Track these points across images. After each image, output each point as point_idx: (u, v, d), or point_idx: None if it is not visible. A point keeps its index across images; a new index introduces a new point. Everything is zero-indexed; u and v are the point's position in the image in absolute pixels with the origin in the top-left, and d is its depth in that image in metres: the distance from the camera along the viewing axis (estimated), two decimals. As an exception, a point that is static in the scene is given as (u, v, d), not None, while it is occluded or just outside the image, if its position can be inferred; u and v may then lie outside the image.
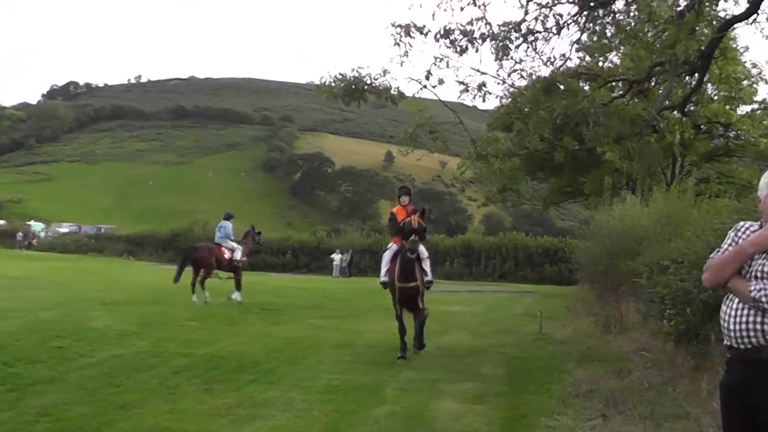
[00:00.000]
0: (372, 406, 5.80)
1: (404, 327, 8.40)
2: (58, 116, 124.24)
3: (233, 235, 14.67)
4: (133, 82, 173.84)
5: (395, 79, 10.58)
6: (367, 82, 10.48)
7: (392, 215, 8.78)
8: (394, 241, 8.62)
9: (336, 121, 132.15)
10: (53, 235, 52.42)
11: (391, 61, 10.46)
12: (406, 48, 10.23)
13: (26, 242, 46.29)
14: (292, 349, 8.61)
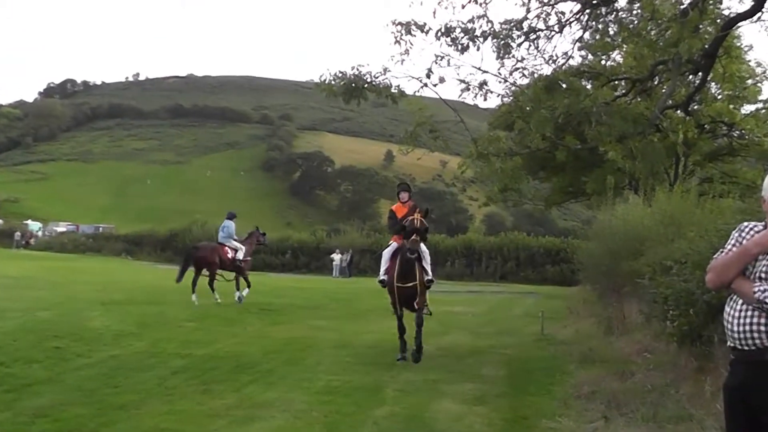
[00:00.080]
0: (372, 407, 5.77)
1: (404, 326, 8.36)
2: (55, 115, 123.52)
3: (236, 235, 14.63)
4: (131, 80, 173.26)
5: (396, 78, 10.49)
6: (367, 80, 10.41)
7: (392, 213, 8.72)
8: (395, 239, 8.56)
9: (336, 119, 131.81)
10: (51, 235, 52.40)
11: (392, 60, 10.38)
12: (406, 46, 10.17)
13: (23, 242, 46.21)
14: (291, 350, 8.59)
